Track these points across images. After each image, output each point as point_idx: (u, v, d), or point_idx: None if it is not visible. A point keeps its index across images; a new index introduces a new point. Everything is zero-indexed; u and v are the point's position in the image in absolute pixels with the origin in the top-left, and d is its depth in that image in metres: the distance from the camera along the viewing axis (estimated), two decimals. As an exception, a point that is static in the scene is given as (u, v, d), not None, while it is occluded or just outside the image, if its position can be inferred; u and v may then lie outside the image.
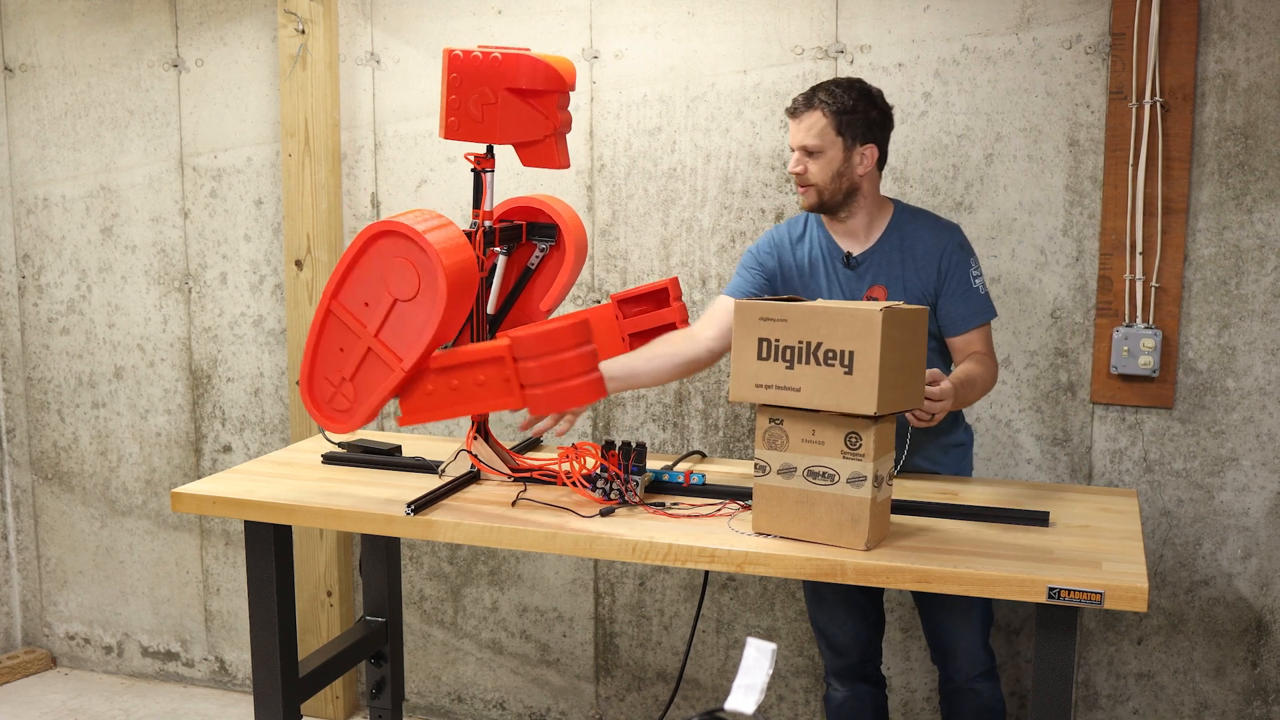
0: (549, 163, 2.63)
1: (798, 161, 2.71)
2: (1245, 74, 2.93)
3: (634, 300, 2.68)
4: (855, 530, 2.28)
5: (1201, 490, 3.10)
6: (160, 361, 3.93)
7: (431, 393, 2.53)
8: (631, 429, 3.50)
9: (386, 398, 2.52)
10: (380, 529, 2.55)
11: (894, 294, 2.74)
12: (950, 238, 2.75)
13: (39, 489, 4.16)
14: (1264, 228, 2.97)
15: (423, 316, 2.44)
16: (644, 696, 3.63)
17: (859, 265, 2.78)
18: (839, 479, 2.27)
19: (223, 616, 4.02)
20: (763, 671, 1.31)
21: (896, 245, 2.76)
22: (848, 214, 2.76)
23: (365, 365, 2.51)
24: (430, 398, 2.53)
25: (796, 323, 2.25)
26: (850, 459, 2.26)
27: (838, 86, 2.70)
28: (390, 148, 3.60)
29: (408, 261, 2.43)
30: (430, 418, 2.55)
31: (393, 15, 3.54)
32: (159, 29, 3.76)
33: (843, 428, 2.25)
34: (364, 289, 2.48)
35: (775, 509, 2.33)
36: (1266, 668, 3.13)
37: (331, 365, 2.54)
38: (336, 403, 2.55)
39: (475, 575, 3.73)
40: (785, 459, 2.30)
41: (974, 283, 2.75)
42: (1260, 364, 3.02)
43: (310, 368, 2.56)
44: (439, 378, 2.52)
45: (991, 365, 2.76)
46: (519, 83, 2.54)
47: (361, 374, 2.52)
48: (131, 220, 3.89)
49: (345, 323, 2.51)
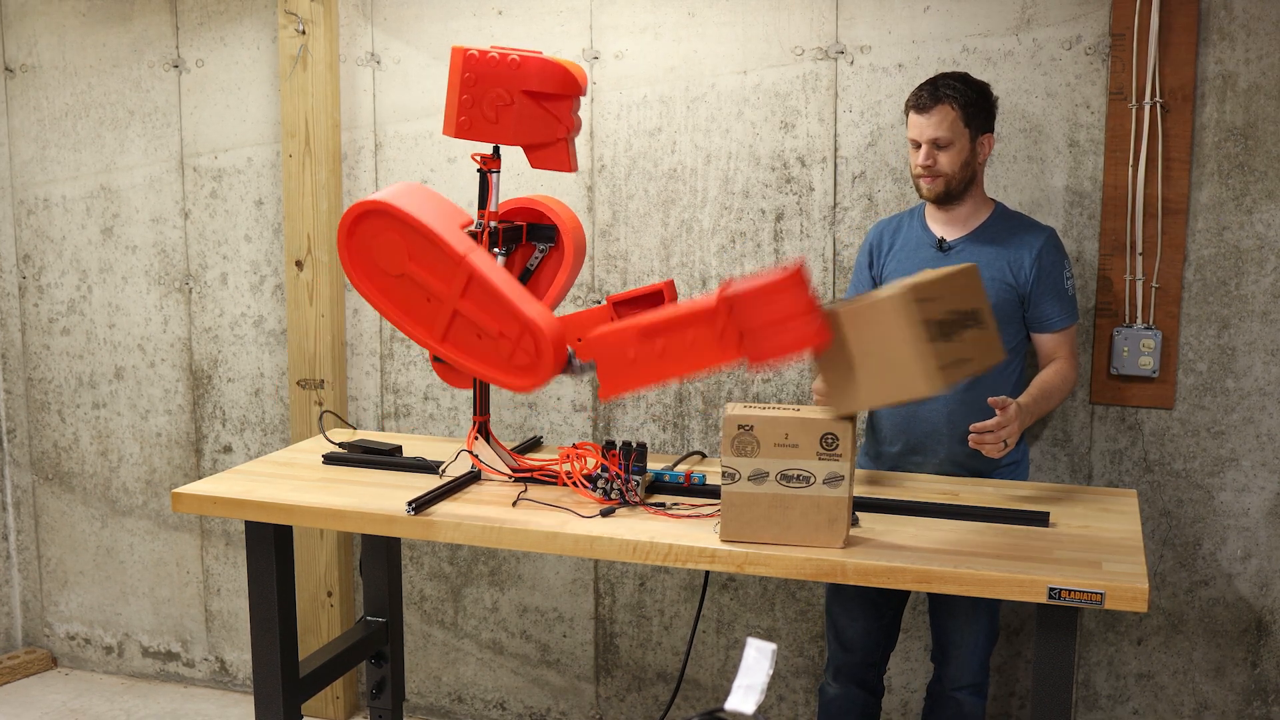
0: (559, 165, 2.64)
1: (928, 155, 2.76)
2: (1245, 74, 2.94)
3: (629, 303, 2.68)
4: (832, 530, 2.29)
5: (1201, 490, 3.10)
6: (161, 362, 3.93)
7: (635, 360, 2.37)
8: (632, 429, 3.50)
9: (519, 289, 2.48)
10: (381, 529, 2.56)
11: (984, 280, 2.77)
12: (1048, 238, 2.83)
13: (39, 489, 4.16)
14: (1264, 228, 2.97)
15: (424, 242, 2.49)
16: (644, 697, 3.63)
17: (951, 249, 2.83)
18: (815, 480, 2.28)
19: (223, 617, 4.02)
20: (763, 671, 1.31)
21: (992, 236, 2.82)
22: (959, 202, 2.83)
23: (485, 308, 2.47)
24: (634, 365, 2.38)
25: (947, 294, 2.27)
26: (826, 459, 2.27)
27: (958, 80, 2.77)
28: (391, 148, 3.60)
29: (380, 240, 2.49)
30: (635, 386, 2.40)
31: (393, 16, 3.54)
32: (159, 29, 3.77)
33: (818, 429, 2.26)
34: (410, 299, 2.53)
35: (746, 516, 2.31)
36: (1266, 668, 3.13)
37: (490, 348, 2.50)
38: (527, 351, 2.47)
39: (475, 575, 3.73)
40: (756, 464, 2.29)
41: (1066, 284, 2.83)
42: (1260, 364, 3.02)
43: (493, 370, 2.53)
44: (642, 343, 2.37)
45: (1071, 373, 2.83)
46: (535, 85, 2.55)
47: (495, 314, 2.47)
48: (132, 221, 3.89)
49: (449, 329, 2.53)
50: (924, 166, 2.78)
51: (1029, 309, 2.82)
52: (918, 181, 2.82)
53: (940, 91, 2.75)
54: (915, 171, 2.81)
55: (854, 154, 3.21)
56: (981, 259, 2.78)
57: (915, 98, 2.78)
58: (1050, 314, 2.82)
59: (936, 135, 2.75)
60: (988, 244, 2.81)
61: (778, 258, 3.30)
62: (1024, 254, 2.79)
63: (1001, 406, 2.59)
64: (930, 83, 2.78)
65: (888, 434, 2.91)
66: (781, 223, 3.29)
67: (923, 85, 2.79)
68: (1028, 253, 2.79)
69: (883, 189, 3.20)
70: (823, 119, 3.22)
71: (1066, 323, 2.83)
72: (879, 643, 2.97)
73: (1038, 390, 2.75)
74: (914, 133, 2.79)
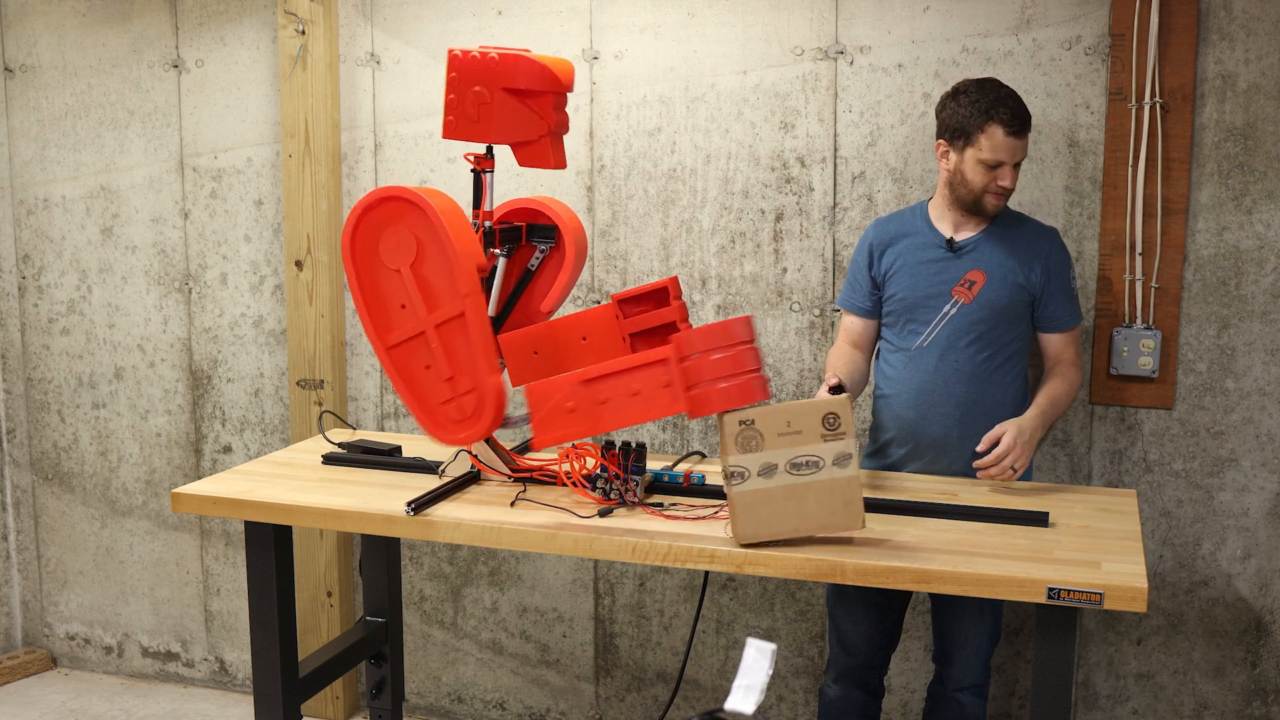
0: (544, 163, 2.63)
1: (1013, 177, 2.73)
2: (1245, 75, 2.94)
3: (634, 300, 2.68)
4: (849, 511, 2.28)
5: (1201, 491, 3.10)
6: (160, 362, 3.93)
7: (574, 410, 2.38)
8: (632, 429, 3.50)
9: (489, 346, 2.48)
10: (380, 529, 2.55)
11: (993, 279, 2.78)
12: (1055, 238, 2.84)
13: (39, 489, 4.16)
14: (1263, 228, 2.97)
15: (438, 254, 2.46)
16: (644, 697, 3.63)
17: (961, 249, 2.82)
18: (824, 464, 2.26)
19: (223, 617, 4.02)
20: (763, 672, 1.31)
21: (1000, 236, 2.81)
22: None
23: (451, 350, 2.48)
24: (572, 415, 2.39)
25: None
26: (831, 439, 2.26)
27: (1016, 100, 2.71)
28: (390, 148, 3.60)
29: (396, 230, 2.46)
30: (570, 436, 2.41)
31: (393, 16, 3.54)
32: (159, 30, 3.77)
33: (818, 411, 2.26)
34: (387, 297, 2.50)
35: (761, 513, 2.28)
36: (1266, 668, 3.13)
37: (433, 385, 2.52)
38: (463, 410, 2.51)
39: (475, 575, 3.73)
40: (764, 459, 2.27)
41: (1072, 283, 2.85)
42: (1260, 364, 3.02)
43: (418, 404, 2.55)
44: (583, 391, 2.38)
45: (1076, 376, 2.84)
46: (515, 83, 2.55)
47: (454, 360, 2.48)
48: (132, 221, 3.89)
49: (405, 342, 2.52)
50: (1005, 188, 2.73)
51: (1038, 308, 2.82)
52: (984, 198, 2.74)
53: (1027, 112, 2.71)
54: (991, 189, 2.72)
55: (854, 154, 3.21)
56: (994, 259, 2.78)
57: (1008, 120, 2.67)
58: (1060, 313, 2.82)
59: (1026, 155, 2.76)
60: (998, 243, 2.81)
61: (777, 257, 3.30)
62: (1035, 253, 2.79)
63: (994, 440, 2.61)
64: (1015, 101, 2.69)
65: (895, 436, 2.90)
66: (781, 223, 3.29)
67: (1006, 104, 2.67)
68: (1039, 252, 2.79)
69: (882, 189, 3.20)
70: (822, 119, 3.22)
71: (1074, 321, 2.84)
72: (881, 645, 2.97)
73: (1047, 403, 2.74)
74: (1004, 154, 2.69)
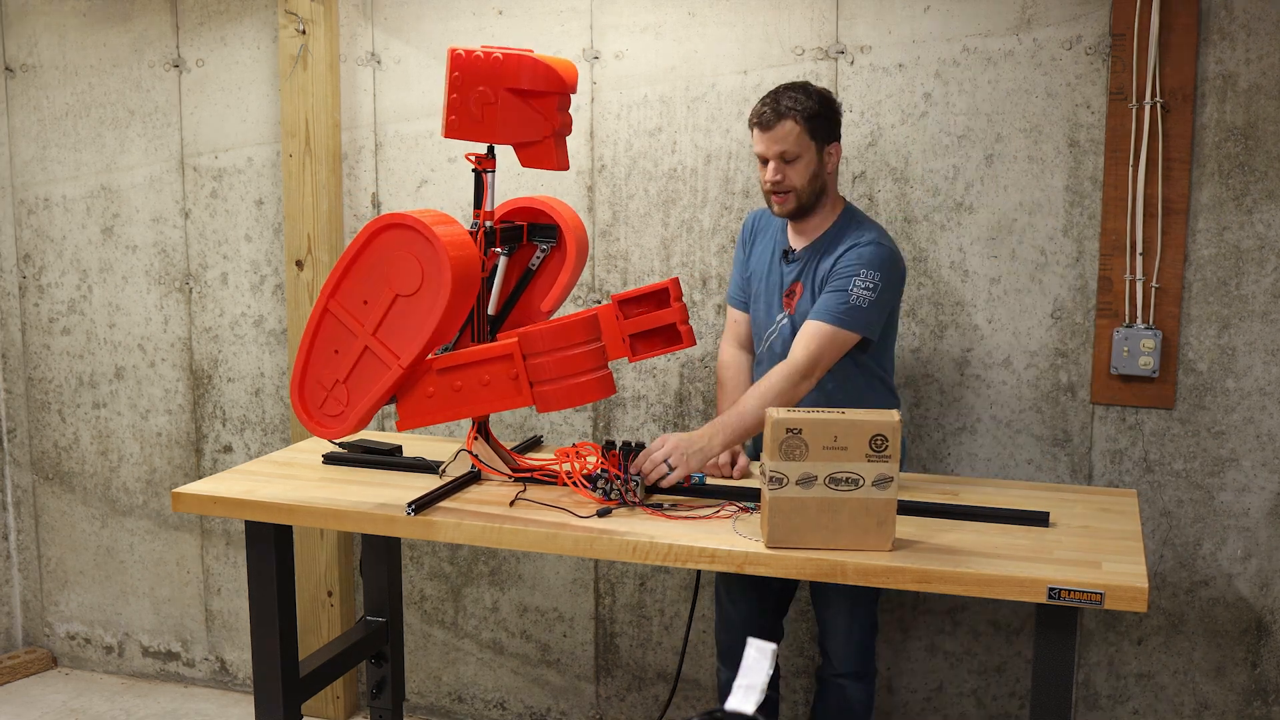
0: (547, 164, 2.63)
1: (777, 170, 2.72)
2: (1245, 75, 2.94)
3: (635, 300, 2.68)
4: (881, 532, 2.28)
5: (1201, 490, 3.10)
6: (161, 361, 3.93)
7: (432, 395, 2.51)
8: (632, 429, 3.50)
9: (382, 400, 2.51)
10: (381, 529, 2.56)
11: (807, 290, 2.79)
12: (864, 243, 2.73)
13: (40, 489, 4.16)
14: (1264, 228, 2.97)
15: (424, 312, 2.43)
16: (644, 696, 3.63)
17: (793, 259, 2.84)
18: (864, 483, 2.26)
19: (223, 616, 4.02)
20: (763, 671, 1.31)
21: (825, 245, 2.80)
22: (811, 214, 2.81)
23: (361, 366, 2.50)
24: (431, 400, 2.52)
25: None
26: (875, 461, 2.25)
27: (797, 91, 2.72)
28: (391, 148, 3.60)
29: (412, 255, 2.43)
30: (430, 420, 2.53)
31: (393, 15, 3.54)
32: (160, 29, 3.77)
33: (867, 431, 2.24)
34: (364, 286, 2.48)
35: (794, 521, 2.28)
36: (1266, 668, 3.13)
37: (325, 368, 2.52)
38: (328, 407, 2.54)
39: (475, 575, 3.73)
40: (804, 469, 2.26)
41: (851, 288, 2.68)
42: (1260, 364, 3.02)
43: (302, 371, 2.54)
44: (441, 379, 2.51)
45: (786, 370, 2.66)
46: (519, 83, 2.54)
47: (356, 375, 2.51)
48: (132, 220, 3.89)
49: (342, 322, 2.50)
50: (773, 183, 2.73)
51: None
52: (768, 199, 2.78)
53: (782, 106, 2.69)
54: (765, 189, 2.76)
55: (854, 154, 3.21)
56: (810, 271, 2.79)
57: (758, 114, 2.72)
58: (819, 304, 2.70)
59: (784, 149, 2.70)
60: (821, 250, 2.79)
61: (778, 258, 3.30)
62: (837, 254, 2.75)
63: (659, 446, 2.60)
64: (772, 97, 2.72)
65: None
66: (781, 223, 3.29)
67: (765, 100, 2.73)
68: (839, 253, 2.74)
69: (883, 189, 3.20)
70: (823, 119, 3.22)
71: (827, 319, 2.67)
72: (763, 629, 3.00)
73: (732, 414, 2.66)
74: (760, 149, 2.73)
